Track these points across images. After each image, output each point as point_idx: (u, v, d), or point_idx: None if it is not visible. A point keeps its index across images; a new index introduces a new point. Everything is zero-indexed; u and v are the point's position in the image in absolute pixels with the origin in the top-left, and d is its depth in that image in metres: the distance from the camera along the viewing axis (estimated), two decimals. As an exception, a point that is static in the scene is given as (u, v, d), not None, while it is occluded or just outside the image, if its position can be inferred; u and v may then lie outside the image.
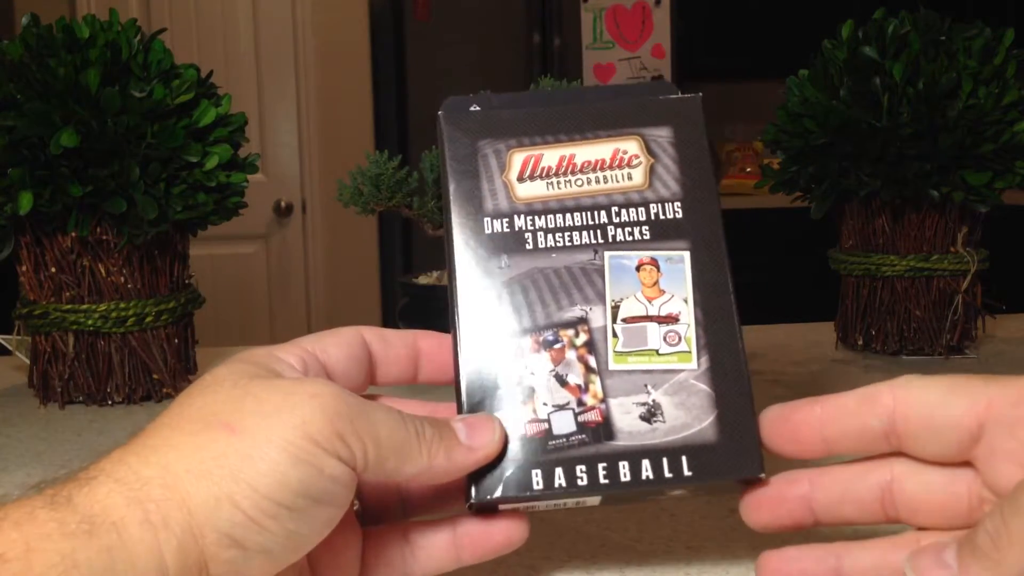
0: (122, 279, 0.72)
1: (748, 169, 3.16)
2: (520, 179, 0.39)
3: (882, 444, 0.34)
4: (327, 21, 2.75)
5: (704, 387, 0.37)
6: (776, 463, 0.37)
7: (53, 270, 0.72)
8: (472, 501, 0.36)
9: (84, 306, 0.71)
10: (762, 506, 0.36)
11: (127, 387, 0.73)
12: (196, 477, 0.30)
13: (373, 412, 0.33)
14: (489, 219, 0.39)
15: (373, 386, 0.40)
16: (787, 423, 0.35)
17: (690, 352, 0.37)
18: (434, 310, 0.75)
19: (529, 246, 0.38)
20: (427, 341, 0.40)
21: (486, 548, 0.38)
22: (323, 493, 0.31)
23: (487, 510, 0.37)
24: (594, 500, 0.37)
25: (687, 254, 0.39)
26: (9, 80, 0.67)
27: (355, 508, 0.38)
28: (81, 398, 0.74)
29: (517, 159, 0.40)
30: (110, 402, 0.73)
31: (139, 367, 0.73)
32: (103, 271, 0.72)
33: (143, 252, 0.72)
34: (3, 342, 0.80)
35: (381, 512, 0.39)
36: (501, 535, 0.37)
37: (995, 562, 0.29)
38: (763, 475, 0.36)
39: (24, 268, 0.73)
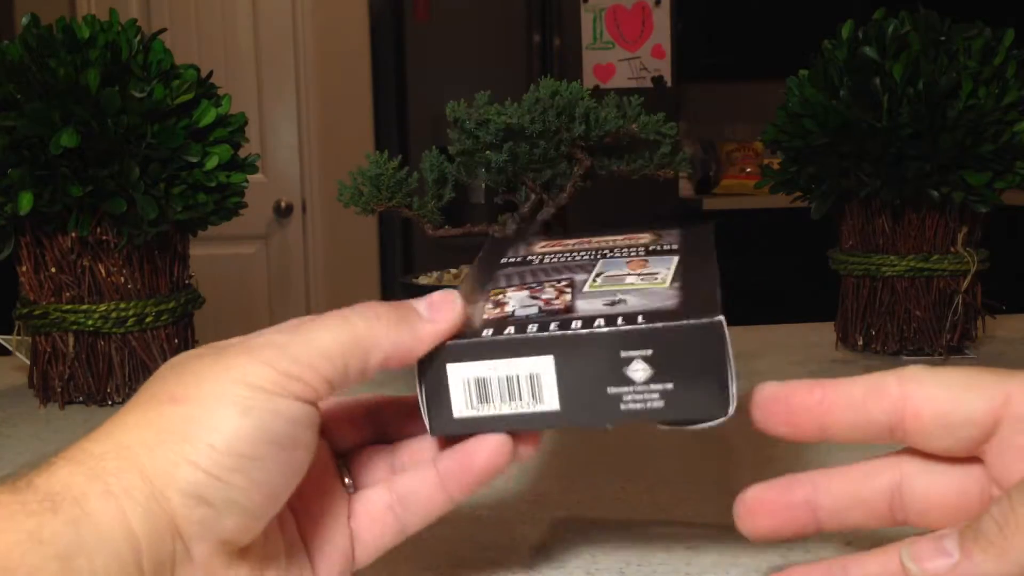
0: (122, 279, 0.72)
1: (748, 169, 3.16)
2: (541, 246, 0.46)
3: (886, 436, 0.33)
4: (327, 21, 2.75)
5: (674, 294, 0.36)
6: (773, 469, 0.37)
7: (53, 270, 0.72)
8: (428, 365, 0.35)
9: (84, 306, 0.71)
10: (761, 512, 0.35)
11: (127, 387, 0.73)
12: (149, 447, 0.30)
13: (311, 332, 0.33)
14: (506, 258, 0.45)
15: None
16: (784, 404, 0.34)
17: (664, 281, 0.38)
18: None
19: (535, 262, 0.43)
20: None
21: (472, 475, 0.36)
22: (283, 436, 0.31)
23: (440, 385, 0.35)
24: (552, 392, 0.35)
25: (676, 258, 0.41)
26: (9, 80, 0.67)
27: (349, 490, 0.38)
28: (81, 398, 0.74)
29: (539, 242, 0.47)
30: (110, 402, 0.73)
31: (139, 367, 0.73)
32: (103, 271, 0.72)
33: (143, 252, 0.72)
34: (3, 342, 0.81)
35: (372, 481, 0.39)
36: (483, 455, 0.36)
37: (1001, 549, 0.28)
38: (722, 319, 0.34)
39: (24, 268, 0.73)
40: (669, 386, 0.34)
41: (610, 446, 0.58)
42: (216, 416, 0.31)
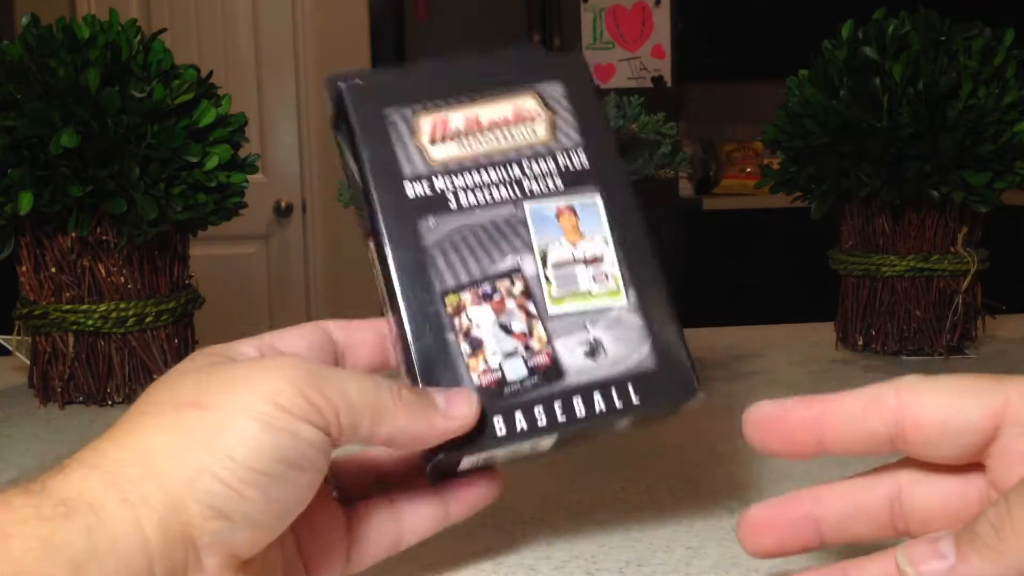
0: (122, 279, 0.72)
1: (748, 169, 3.16)
2: (432, 141, 0.40)
3: (886, 448, 0.33)
4: (327, 21, 2.75)
5: (637, 319, 0.39)
6: (773, 469, 0.37)
7: (53, 270, 0.72)
8: (440, 457, 0.36)
9: (84, 306, 0.71)
10: (765, 529, 0.35)
11: (127, 387, 0.73)
12: (170, 454, 0.30)
13: (341, 376, 0.34)
14: (409, 183, 0.39)
15: None
16: (782, 423, 0.34)
17: (618, 289, 0.39)
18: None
19: (453, 205, 0.39)
20: (389, 326, 0.40)
21: (471, 501, 0.39)
22: (300, 458, 0.32)
23: (447, 469, 0.38)
24: (549, 442, 0.38)
25: (598, 197, 0.41)
26: (9, 80, 0.67)
27: (333, 495, 0.39)
28: (81, 398, 0.74)
29: (425, 123, 0.40)
30: (110, 402, 0.73)
31: (139, 367, 0.73)
32: (103, 271, 0.72)
33: (143, 252, 0.72)
34: (3, 342, 0.80)
35: (360, 494, 0.40)
36: (483, 485, 0.39)
37: (997, 552, 0.28)
38: (702, 393, 0.39)
39: (24, 268, 0.73)
40: (644, 412, 0.38)
41: (610, 446, 0.58)
42: (239, 428, 0.31)
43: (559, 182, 0.41)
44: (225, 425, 0.31)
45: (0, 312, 0.86)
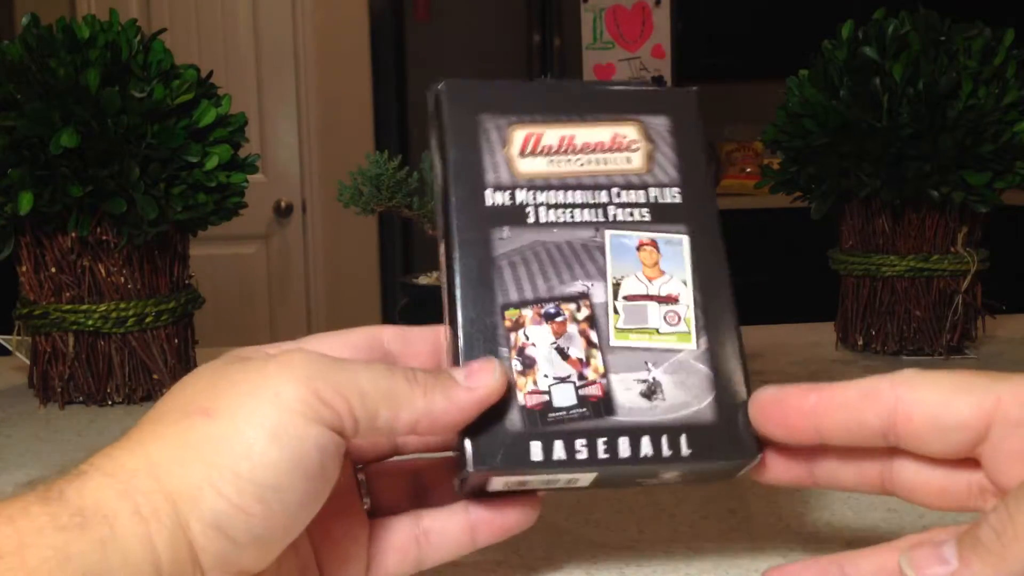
0: (122, 279, 0.72)
1: (748, 169, 3.16)
2: (521, 154, 0.39)
3: (879, 440, 0.33)
4: (327, 21, 2.75)
5: (703, 367, 0.37)
6: (771, 486, 0.37)
7: (53, 270, 0.72)
8: (469, 470, 0.35)
9: (84, 306, 0.71)
10: (764, 462, 0.36)
11: (127, 387, 0.73)
12: (176, 468, 0.30)
13: (353, 367, 0.32)
14: (490, 191, 0.38)
15: None
16: (780, 407, 0.35)
17: (689, 333, 0.38)
18: (434, 310, 0.75)
19: (530, 220, 0.38)
20: (445, 332, 0.38)
21: (501, 528, 0.37)
22: (309, 467, 0.31)
23: (478, 486, 0.36)
24: (588, 478, 0.36)
25: (686, 238, 0.39)
26: (9, 80, 0.67)
27: (365, 507, 0.38)
28: (81, 398, 0.74)
29: (518, 135, 0.39)
30: (110, 402, 0.73)
31: (139, 367, 0.73)
32: (103, 271, 0.72)
33: (143, 252, 0.72)
34: (3, 342, 0.80)
35: (392, 506, 0.39)
36: (515, 514, 0.37)
37: (999, 558, 0.28)
38: (759, 458, 0.36)
39: (24, 268, 0.73)
40: (693, 467, 0.36)
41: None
42: (245, 439, 0.30)
43: (646, 214, 0.39)
44: (231, 437, 0.30)
45: (0, 312, 0.86)
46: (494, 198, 0.38)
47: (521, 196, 0.38)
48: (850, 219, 0.84)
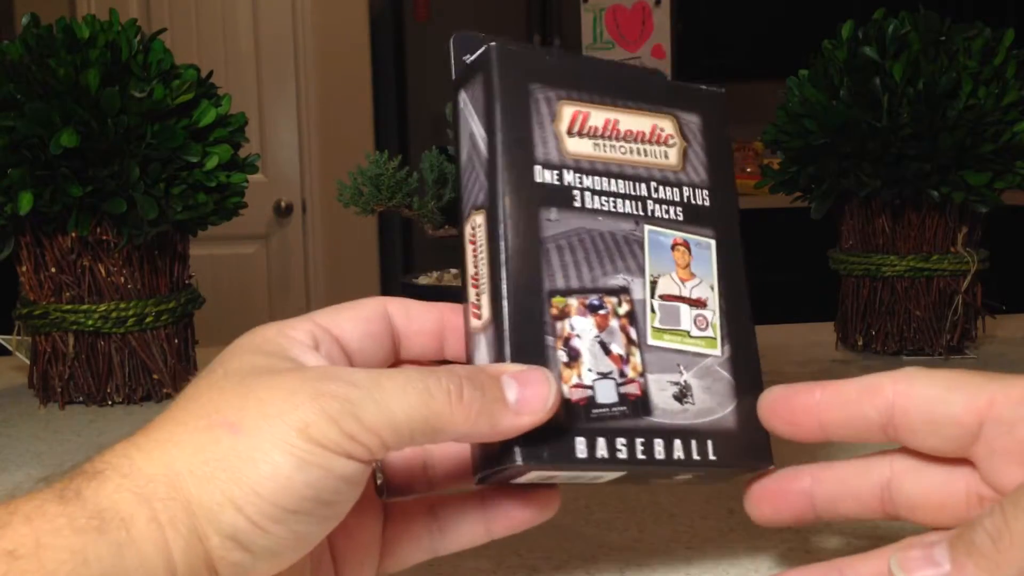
0: (122, 279, 0.72)
1: (748, 169, 3.16)
2: (569, 132, 0.37)
3: (878, 435, 0.34)
4: (327, 21, 2.75)
5: (727, 375, 0.37)
6: (780, 457, 0.37)
7: (53, 270, 0.72)
8: (517, 462, 0.33)
9: (84, 306, 0.71)
10: (765, 499, 0.37)
11: (127, 387, 0.73)
12: (198, 479, 0.29)
13: (387, 396, 0.31)
14: (540, 168, 0.36)
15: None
16: (787, 405, 0.35)
17: (715, 339, 0.38)
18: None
19: (577, 203, 0.37)
20: (454, 315, 0.38)
21: (518, 521, 0.37)
22: (331, 493, 0.30)
23: (510, 479, 0.35)
24: (612, 475, 0.36)
25: (713, 242, 0.39)
26: (9, 80, 0.67)
27: (378, 482, 0.37)
28: (81, 398, 0.74)
29: (567, 111, 0.38)
30: (110, 402, 0.73)
31: (139, 367, 0.73)
32: (103, 271, 0.72)
33: (143, 252, 0.72)
34: (3, 342, 0.80)
35: (405, 486, 0.38)
36: (534, 506, 0.37)
37: (994, 563, 0.28)
38: (773, 465, 0.37)
39: (24, 268, 0.73)
40: (714, 471, 0.37)
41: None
42: (269, 461, 0.29)
43: (680, 213, 0.39)
44: (256, 457, 0.29)
45: (0, 312, 0.86)
46: (543, 175, 0.36)
47: (568, 177, 0.37)
48: (850, 219, 0.84)
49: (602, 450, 0.34)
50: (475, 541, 0.37)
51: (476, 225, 0.36)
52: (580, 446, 0.34)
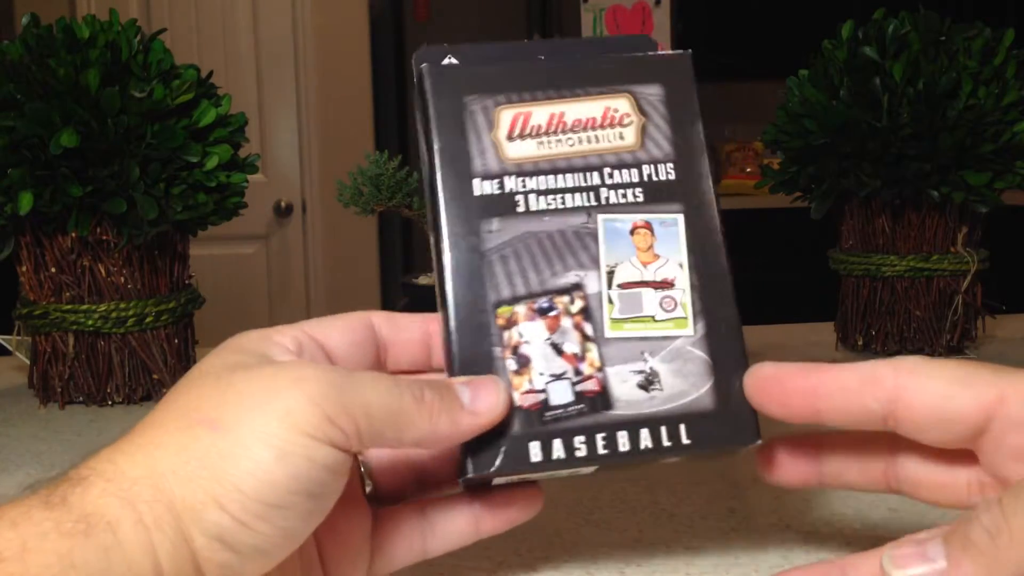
0: (122, 279, 0.72)
1: (748, 169, 3.16)
2: (509, 138, 0.37)
3: (878, 425, 0.33)
4: (327, 21, 2.75)
5: (700, 353, 0.36)
6: (771, 486, 0.38)
7: (53, 270, 0.72)
8: (469, 475, 0.35)
9: (84, 306, 0.71)
10: (772, 464, 0.37)
11: (127, 387, 0.73)
12: (181, 479, 0.29)
13: (362, 384, 0.32)
14: (479, 180, 0.37)
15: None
16: (780, 386, 0.34)
17: (686, 318, 0.37)
18: (434, 310, 0.75)
19: (520, 208, 0.37)
20: (439, 326, 0.38)
21: (505, 520, 0.37)
22: (315, 485, 0.30)
23: (481, 485, 0.36)
24: (589, 468, 0.36)
25: (681, 216, 0.38)
26: (9, 80, 0.67)
27: (368, 490, 0.37)
28: (81, 398, 0.74)
29: (506, 116, 0.38)
30: (110, 402, 0.73)
31: (139, 367, 0.73)
32: (103, 271, 0.72)
33: (143, 252, 0.72)
34: (3, 342, 0.80)
35: (395, 492, 0.39)
36: (521, 504, 0.37)
37: (992, 559, 0.28)
38: (759, 442, 0.36)
39: (24, 268, 0.73)
40: (693, 453, 0.36)
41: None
42: (251, 457, 0.29)
43: (640, 194, 0.38)
44: (237, 452, 0.29)
45: (0, 312, 0.86)
46: (482, 187, 0.37)
47: (510, 184, 0.37)
48: (850, 219, 0.84)
49: (559, 451, 0.35)
50: (464, 541, 0.38)
51: (431, 246, 0.37)
52: (534, 450, 0.35)
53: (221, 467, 0.29)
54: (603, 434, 0.35)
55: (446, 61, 0.39)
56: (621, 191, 0.38)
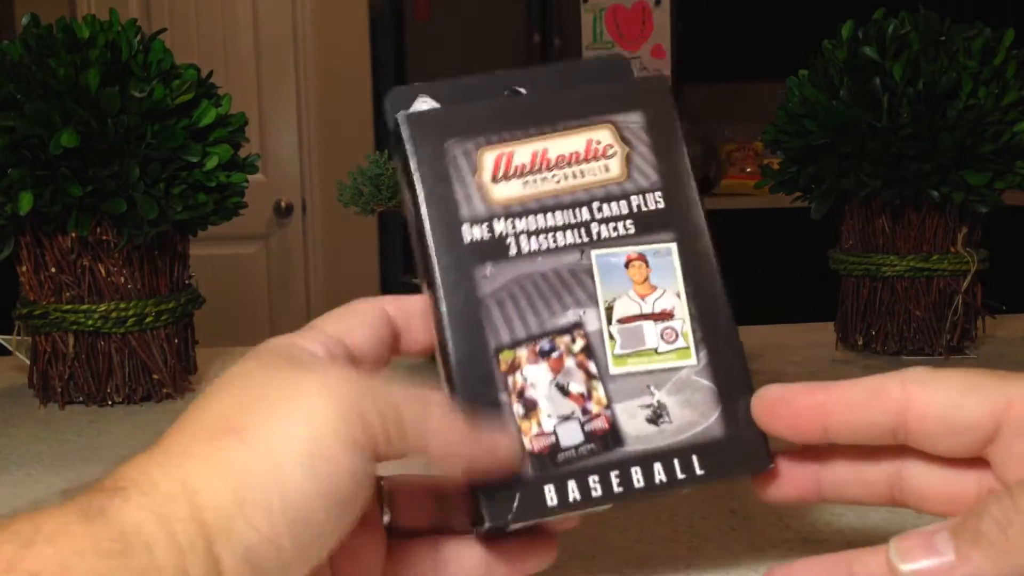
0: (122, 279, 0.72)
1: (748, 169, 3.16)
2: (494, 179, 0.37)
3: (887, 438, 0.33)
4: (327, 21, 2.75)
5: (706, 382, 0.36)
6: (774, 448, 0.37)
7: (53, 270, 0.72)
8: (487, 525, 0.34)
9: (84, 306, 0.71)
10: (770, 480, 0.36)
11: (127, 387, 0.73)
12: (210, 493, 0.29)
13: (391, 388, 0.31)
14: (467, 226, 0.36)
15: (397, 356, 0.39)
16: (788, 407, 0.34)
17: (688, 347, 0.36)
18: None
19: (512, 252, 0.36)
20: (440, 372, 0.38)
21: (520, 569, 0.37)
22: (343, 495, 0.30)
23: (497, 534, 0.36)
24: (605, 507, 0.36)
25: (674, 245, 0.37)
26: (9, 80, 0.67)
27: (385, 520, 0.37)
28: (81, 398, 0.74)
29: (488, 158, 0.37)
30: (110, 402, 0.73)
31: (139, 367, 0.73)
32: (103, 271, 0.72)
33: (143, 252, 0.72)
34: (3, 342, 0.80)
35: (411, 525, 0.38)
36: (535, 555, 0.37)
37: (1002, 552, 0.27)
38: (772, 466, 0.36)
39: (24, 268, 0.73)
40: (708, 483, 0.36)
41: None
42: (280, 469, 0.29)
43: (631, 226, 0.37)
44: (264, 465, 0.29)
45: (0, 312, 0.86)
46: (472, 233, 0.36)
47: (500, 227, 0.37)
48: (850, 219, 0.84)
49: (574, 493, 0.34)
50: None
51: (424, 292, 0.37)
52: (549, 494, 0.34)
53: (247, 482, 0.29)
54: (616, 472, 0.35)
55: (419, 100, 0.38)
56: (612, 224, 0.37)
